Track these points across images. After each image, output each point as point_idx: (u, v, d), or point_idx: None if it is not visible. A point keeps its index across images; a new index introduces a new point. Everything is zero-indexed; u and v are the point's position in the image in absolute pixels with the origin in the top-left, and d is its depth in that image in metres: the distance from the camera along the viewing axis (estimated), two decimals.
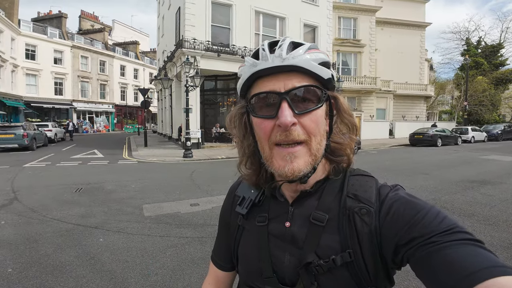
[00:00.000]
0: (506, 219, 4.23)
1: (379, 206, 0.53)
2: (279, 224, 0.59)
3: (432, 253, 0.43)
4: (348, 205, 0.55)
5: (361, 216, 0.53)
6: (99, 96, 34.09)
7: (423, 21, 27.10)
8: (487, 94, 28.31)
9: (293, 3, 16.86)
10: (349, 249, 0.52)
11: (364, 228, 0.52)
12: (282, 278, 0.57)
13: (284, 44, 0.53)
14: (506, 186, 6.31)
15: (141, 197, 5.57)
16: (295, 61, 0.51)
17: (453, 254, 0.41)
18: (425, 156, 12.41)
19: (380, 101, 24.19)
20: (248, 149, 0.61)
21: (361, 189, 0.56)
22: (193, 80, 11.81)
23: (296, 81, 0.51)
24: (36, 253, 3.20)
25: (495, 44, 33.02)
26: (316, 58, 0.53)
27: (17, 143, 13.21)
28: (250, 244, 0.63)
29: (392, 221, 0.50)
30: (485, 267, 0.38)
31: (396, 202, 0.52)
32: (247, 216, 0.64)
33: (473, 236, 0.44)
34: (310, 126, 0.52)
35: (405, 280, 2.65)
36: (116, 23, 44.45)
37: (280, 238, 0.58)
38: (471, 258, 0.40)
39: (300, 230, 0.57)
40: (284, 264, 0.57)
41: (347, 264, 0.52)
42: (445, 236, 0.44)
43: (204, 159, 11.10)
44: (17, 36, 25.90)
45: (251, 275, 0.62)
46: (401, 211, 0.50)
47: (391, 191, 0.55)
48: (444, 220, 0.46)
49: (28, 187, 6.41)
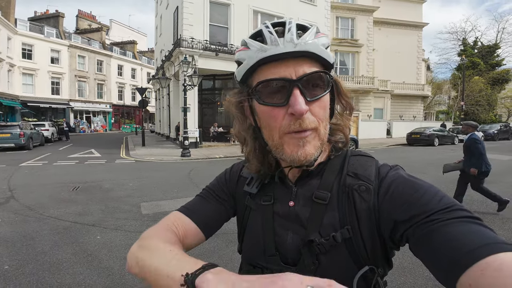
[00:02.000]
0: (502, 217, 4.27)
1: (378, 184, 0.53)
2: (283, 204, 0.60)
3: (432, 231, 0.43)
4: (347, 183, 0.55)
5: (360, 193, 0.53)
6: (97, 95, 33.93)
7: (420, 21, 27.22)
8: (484, 94, 28.54)
9: (291, 3, 16.88)
10: (348, 225, 0.52)
11: (363, 205, 0.52)
12: (285, 257, 0.57)
13: (292, 27, 0.51)
14: (502, 185, 6.37)
15: (138, 195, 5.55)
16: (307, 46, 0.49)
17: (453, 231, 0.41)
18: (422, 155, 12.48)
19: (377, 101, 24.27)
20: (247, 135, 0.60)
21: (361, 168, 0.56)
22: (191, 79, 11.79)
23: (306, 67, 0.50)
24: (32, 250, 3.19)
25: (492, 45, 33.30)
26: (323, 42, 0.52)
27: (14, 142, 13.13)
28: (256, 223, 0.63)
29: (391, 199, 0.50)
30: (485, 243, 0.38)
31: (395, 180, 0.52)
32: (254, 196, 0.64)
33: (472, 213, 0.44)
34: (319, 113, 0.52)
35: (402, 276, 2.66)
36: (113, 22, 44.27)
37: (284, 217, 0.59)
38: (471, 235, 0.40)
39: (304, 209, 0.57)
40: (287, 243, 0.57)
41: (346, 241, 0.52)
42: (444, 214, 0.44)
43: (202, 158, 11.09)
44: (14, 35, 25.71)
45: (254, 254, 0.62)
46: (400, 190, 0.50)
47: (391, 170, 0.55)
48: (443, 199, 0.46)
49: (24, 185, 6.37)
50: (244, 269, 0.65)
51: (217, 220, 0.67)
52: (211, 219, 0.66)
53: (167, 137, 20.64)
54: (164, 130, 21.99)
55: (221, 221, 0.68)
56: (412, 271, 2.74)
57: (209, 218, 0.66)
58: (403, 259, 2.91)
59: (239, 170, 0.71)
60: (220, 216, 0.67)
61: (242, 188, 0.66)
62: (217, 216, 0.67)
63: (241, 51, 0.54)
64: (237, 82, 0.58)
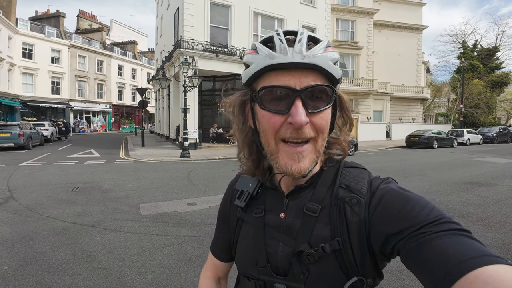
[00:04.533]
0: (500, 220, 4.28)
1: (370, 197, 0.54)
2: (275, 216, 0.61)
3: (422, 244, 0.43)
4: (340, 195, 0.56)
5: (352, 206, 0.54)
6: (96, 95, 33.95)
7: (420, 24, 27.31)
8: (483, 97, 28.59)
9: (292, 5, 16.94)
10: (338, 237, 0.53)
11: (354, 218, 0.53)
12: (276, 267, 0.58)
13: (303, 38, 0.51)
14: (500, 188, 6.38)
15: (138, 196, 5.56)
16: (315, 59, 0.50)
17: (443, 244, 0.42)
18: (421, 157, 12.50)
19: (377, 103, 24.31)
20: (247, 137, 0.61)
21: (354, 180, 0.57)
22: (191, 80, 11.82)
23: (311, 79, 0.50)
24: (32, 251, 3.20)
25: (491, 47, 33.40)
26: (332, 57, 0.52)
27: (13, 142, 13.13)
28: (247, 235, 0.64)
29: (381, 212, 0.51)
30: (473, 256, 0.39)
31: (386, 193, 0.53)
32: (245, 209, 0.65)
33: (461, 226, 0.45)
34: (321, 124, 0.52)
35: (399, 279, 2.68)
36: (114, 23, 44.33)
37: (275, 228, 0.60)
38: (460, 248, 0.41)
39: (295, 220, 0.58)
40: (278, 254, 0.58)
41: (335, 253, 0.53)
42: (434, 226, 0.44)
43: (201, 159, 11.10)
44: (14, 35, 25.73)
45: (246, 265, 0.63)
46: (390, 203, 0.51)
47: (382, 183, 0.56)
48: (432, 211, 0.47)
49: (24, 185, 6.38)
50: (240, 280, 0.68)
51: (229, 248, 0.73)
52: (224, 249, 0.75)
53: (166, 137, 20.65)
54: (164, 130, 22.01)
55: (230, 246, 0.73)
56: (409, 274, 2.75)
57: (223, 249, 0.75)
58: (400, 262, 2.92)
59: (233, 184, 0.73)
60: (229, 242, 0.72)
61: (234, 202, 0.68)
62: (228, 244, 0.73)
63: (249, 54, 0.55)
64: (242, 84, 0.59)
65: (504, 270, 0.36)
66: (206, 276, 0.78)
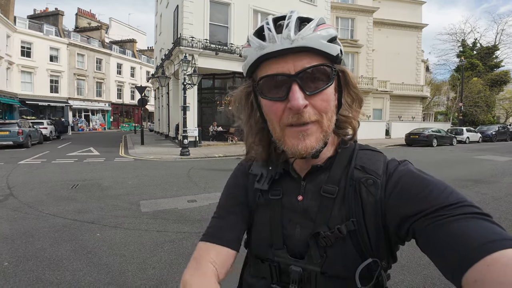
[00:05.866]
0: (499, 216, 4.29)
1: (387, 178, 0.53)
2: (292, 198, 0.60)
3: (440, 226, 0.42)
4: (355, 176, 0.55)
5: (367, 187, 0.53)
6: (95, 94, 33.86)
7: (419, 22, 27.29)
8: (482, 95, 28.63)
9: (291, 3, 16.89)
10: (353, 218, 0.53)
11: (369, 198, 0.52)
12: (292, 250, 0.58)
13: (291, 22, 0.50)
14: (499, 185, 6.40)
15: (138, 193, 5.56)
16: (304, 41, 0.49)
17: (462, 227, 0.41)
18: (421, 155, 12.52)
19: (376, 101, 24.32)
20: (256, 125, 0.61)
21: (369, 161, 0.57)
22: (190, 78, 11.79)
23: (306, 62, 0.50)
24: (32, 247, 3.19)
25: (490, 46, 33.40)
26: (326, 35, 0.51)
27: (12, 140, 13.09)
28: (264, 217, 0.63)
29: (399, 193, 0.50)
30: (493, 239, 0.38)
31: (404, 176, 0.52)
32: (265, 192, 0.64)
33: (481, 210, 0.43)
34: (322, 105, 0.51)
35: (400, 274, 2.68)
36: (113, 21, 44.17)
37: (292, 211, 0.59)
38: (480, 231, 0.40)
39: (312, 203, 0.58)
40: (295, 237, 0.58)
41: (351, 234, 0.53)
42: (453, 209, 0.43)
43: (201, 157, 11.09)
44: (13, 33, 25.62)
45: (262, 247, 0.62)
46: (408, 185, 0.50)
47: (400, 165, 0.55)
48: (452, 194, 0.46)
49: (23, 183, 6.36)
50: (252, 262, 0.66)
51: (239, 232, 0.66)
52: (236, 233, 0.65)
53: (166, 136, 20.63)
54: (163, 129, 21.97)
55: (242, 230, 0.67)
56: (410, 269, 2.75)
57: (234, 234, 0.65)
58: (401, 258, 2.93)
59: (247, 169, 0.70)
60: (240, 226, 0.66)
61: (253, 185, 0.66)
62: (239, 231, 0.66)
63: (245, 48, 0.56)
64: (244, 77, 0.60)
65: None
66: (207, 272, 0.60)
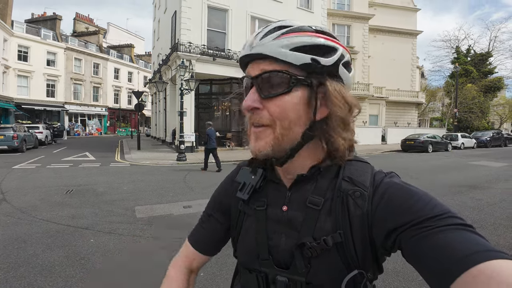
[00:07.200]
0: (494, 222, 4.32)
1: (373, 191, 0.53)
2: (277, 209, 0.60)
3: (425, 237, 0.43)
4: (342, 188, 0.55)
5: (355, 199, 0.53)
6: (92, 98, 33.76)
7: (414, 29, 27.72)
8: (476, 101, 29.02)
9: (289, 10, 17.11)
10: (340, 230, 0.53)
11: (357, 211, 0.52)
12: (278, 260, 0.58)
13: (263, 30, 0.54)
14: (494, 191, 6.45)
15: (133, 199, 5.52)
16: (261, 48, 0.52)
17: (446, 238, 0.41)
18: (417, 161, 12.60)
19: (372, 107, 24.53)
20: None
21: (357, 173, 0.56)
22: (188, 83, 11.82)
23: (265, 67, 0.53)
24: (24, 253, 3.15)
25: (484, 53, 33.99)
26: (290, 43, 0.51)
27: (7, 144, 12.97)
28: (249, 228, 0.63)
29: (385, 206, 0.50)
30: (477, 250, 0.38)
31: (390, 188, 0.52)
32: (248, 202, 0.64)
33: (465, 221, 0.44)
34: (275, 111, 0.52)
35: (395, 281, 2.68)
36: (111, 26, 44.30)
37: (277, 221, 0.59)
38: (464, 242, 0.40)
39: (297, 214, 0.57)
40: (280, 248, 0.58)
41: (337, 246, 0.53)
42: (438, 221, 0.44)
43: (197, 162, 11.06)
44: (10, 37, 25.58)
45: (249, 258, 0.62)
46: (394, 197, 0.51)
47: (386, 177, 0.55)
48: (436, 206, 0.46)
49: (17, 188, 6.29)
50: (240, 272, 0.66)
51: (216, 240, 0.72)
52: (209, 241, 0.72)
53: (163, 141, 20.56)
54: (160, 134, 21.91)
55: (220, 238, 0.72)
56: (405, 275, 2.75)
57: (208, 241, 0.72)
58: (396, 264, 2.93)
59: (233, 176, 0.71)
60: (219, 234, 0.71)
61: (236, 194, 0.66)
62: (216, 236, 0.72)
63: None
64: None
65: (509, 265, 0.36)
66: (177, 266, 0.72)
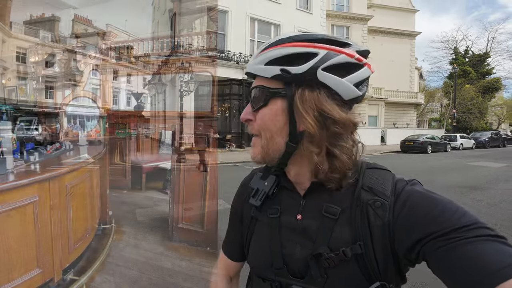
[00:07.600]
0: (495, 223, 4.32)
1: (395, 199, 0.51)
2: (291, 217, 0.59)
3: (453, 249, 0.41)
4: (362, 198, 0.53)
5: (375, 209, 0.52)
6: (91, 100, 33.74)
7: (413, 30, 27.84)
8: (475, 102, 29.14)
9: (288, 11, 17.16)
10: (360, 241, 0.51)
11: (377, 221, 0.51)
12: (293, 270, 0.57)
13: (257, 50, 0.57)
14: (494, 192, 6.46)
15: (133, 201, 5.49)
16: (249, 67, 0.59)
17: (475, 250, 0.40)
18: (416, 162, 12.62)
19: (371, 108, 24.57)
20: None
21: (377, 182, 0.55)
22: (187, 85, 11.82)
23: (257, 82, 0.58)
24: None
25: (482, 54, 34.15)
26: (265, 58, 0.54)
27: None
28: (262, 236, 0.63)
29: (407, 215, 0.49)
30: (510, 264, 0.37)
31: (411, 196, 0.51)
32: (260, 208, 0.63)
33: (496, 232, 0.42)
34: (258, 123, 0.57)
35: None
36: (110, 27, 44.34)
37: (291, 230, 0.58)
38: (495, 255, 0.39)
39: (312, 223, 0.56)
40: (295, 257, 0.57)
41: (357, 257, 0.51)
42: (466, 232, 0.42)
43: None
44: (8, 38, 25.57)
45: (262, 266, 0.62)
46: (417, 206, 0.49)
47: (408, 185, 0.54)
48: (464, 215, 0.45)
49: None
50: (253, 281, 0.66)
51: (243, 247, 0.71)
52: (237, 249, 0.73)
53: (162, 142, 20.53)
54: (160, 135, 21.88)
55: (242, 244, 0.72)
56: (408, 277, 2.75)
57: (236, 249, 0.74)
58: None
59: (247, 182, 0.70)
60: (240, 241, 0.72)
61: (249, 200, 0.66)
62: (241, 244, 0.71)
63: None
64: None
65: None
66: (219, 274, 0.79)
